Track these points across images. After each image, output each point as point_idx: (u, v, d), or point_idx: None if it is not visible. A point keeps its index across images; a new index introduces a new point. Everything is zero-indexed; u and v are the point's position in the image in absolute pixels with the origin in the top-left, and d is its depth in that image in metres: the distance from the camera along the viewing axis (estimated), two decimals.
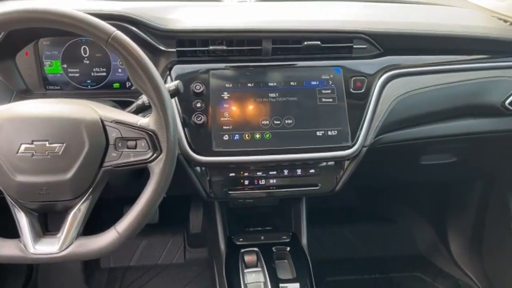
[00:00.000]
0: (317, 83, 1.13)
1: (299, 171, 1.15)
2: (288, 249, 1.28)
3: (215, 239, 1.34)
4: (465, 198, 1.88)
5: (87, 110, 0.86)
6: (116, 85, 1.21)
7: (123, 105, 1.08)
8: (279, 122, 1.10)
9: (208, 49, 1.13)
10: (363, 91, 1.15)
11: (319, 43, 1.15)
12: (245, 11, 1.38)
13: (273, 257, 1.25)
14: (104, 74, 1.20)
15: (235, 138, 1.08)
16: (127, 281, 1.88)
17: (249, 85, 1.12)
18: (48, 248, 0.86)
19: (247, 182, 1.14)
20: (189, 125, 1.08)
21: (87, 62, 1.18)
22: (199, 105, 1.08)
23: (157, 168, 0.85)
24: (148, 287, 1.87)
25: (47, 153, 0.82)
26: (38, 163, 0.82)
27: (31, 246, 0.85)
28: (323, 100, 1.12)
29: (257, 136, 1.09)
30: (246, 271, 1.18)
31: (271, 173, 1.14)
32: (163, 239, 1.97)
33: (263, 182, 1.14)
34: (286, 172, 1.14)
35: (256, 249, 1.25)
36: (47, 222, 0.91)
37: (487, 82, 1.23)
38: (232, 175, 1.13)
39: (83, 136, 0.83)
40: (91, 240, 0.86)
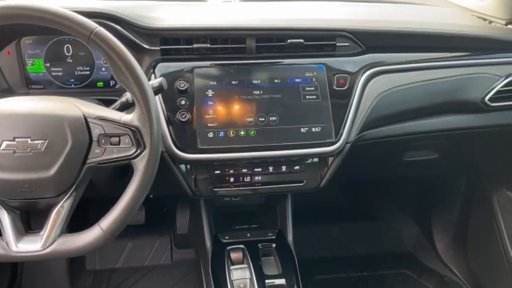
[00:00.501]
0: (300, 80, 1.14)
1: (284, 168, 1.15)
2: (274, 245, 1.29)
3: (201, 237, 1.34)
4: (449, 194, 1.91)
5: (70, 107, 0.86)
6: (100, 84, 1.20)
7: (107, 103, 1.07)
8: (263, 119, 1.10)
9: (192, 47, 1.14)
10: (346, 88, 1.16)
11: (302, 41, 1.16)
12: (229, 10, 1.39)
13: (259, 254, 1.26)
14: (88, 73, 1.19)
15: (220, 135, 1.08)
16: (113, 283, 1.86)
17: (233, 82, 1.12)
18: (31, 246, 0.85)
19: (232, 179, 1.14)
20: (174, 122, 1.08)
21: (70, 61, 1.18)
22: (183, 102, 1.09)
23: (140, 164, 0.85)
24: None
25: (29, 150, 0.81)
26: (20, 160, 0.81)
27: (14, 244, 0.84)
28: (307, 97, 1.13)
29: (242, 133, 1.09)
30: (232, 268, 1.18)
31: (256, 170, 1.14)
32: (149, 241, 1.96)
33: (248, 179, 1.15)
34: (271, 169, 1.15)
35: (242, 246, 1.26)
36: (29, 220, 0.90)
37: (467, 79, 1.26)
38: (217, 172, 1.13)
39: (66, 133, 0.83)
40: (75, 237, 0.86)
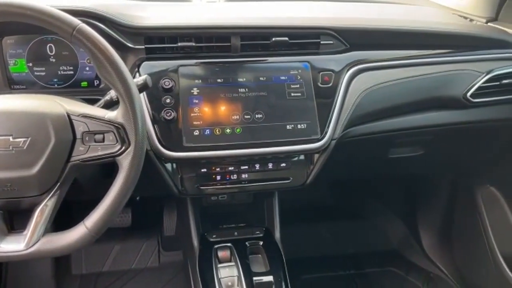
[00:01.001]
0: (285, 78, 1.15)
1: (270, 165, 1.16)
2: (261, 243, 1.29)
3: (188, 237, 1.33)
4: (435, 192, 1.93)
5: (52, 104, 0.85)
6: (84, 83, 1.19)
7: (91, 103, 1.05)
8: (249, 117, 1.11)
9: (177, 46, 1.13)
10: (330, 85, 1.17)
11: (287, 39, 1.17)
12: (214, 9, 1.39)
13: (247, 252, 1.26)
14: (72, 72, 1.18)
15: (205, 133, 1.08)
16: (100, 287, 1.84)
17: (218, 80, 1.12)
18: (14, 246, 0.84)
19: (219, 178, 1.14)
20: (159, 121, 1.07)
21: (54, 60, 1.16)
22: (168, 101, 1.08)
23: (125, 161, 0.84)
24: None
25: (11, 148, 0.80)
26: (2, 158, 0.80)
27: None
28: (292, 94, 1.14)
29: (228, 131, 1.09)
30: (219, 266, 1.18)
31: (242, 167, 1.14)
32: (136, 243, 1.94)
33: (235, 177, 1.15)
34: (257, 166, 1.15)
35: (230, 244, 1.25)
36: (12, 220, 0.89)
37: (449, 75, 1.28)
38: (204, 170, 1.13)
39: (48, 130, 0.82)
40: (59, 236, 0.85)
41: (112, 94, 0.98)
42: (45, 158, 0.82)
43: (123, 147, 0.85)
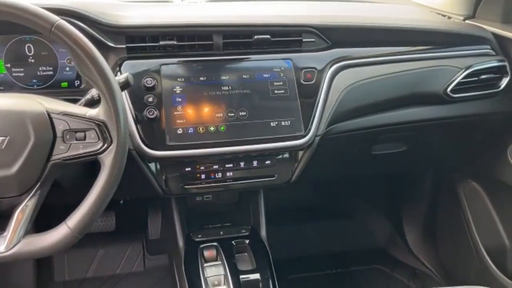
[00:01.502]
0: (268, 75, 1.15)
1: (255, 163, 1.15)
2: (247, 242, 1.28)
3: (173, 238, 1.32)
4: (418, 188, 1.95)
5: (32, 103, 0.84)
6: (64, 84, 1.17)
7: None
8: (233, 115, 1.10)
9: (158, 44, 1.13)
10: (313, 82, 1.18)
11: (269, 37, 1.17)
12: (196, 9, 1.39)
13: (233, 251, 1.25)
14: (51, 73, 1.16)
15: (189, 131, 1.07)
16: None
17: (201, 79, 1.12)
18: None
19: (203, 176, 1.13)
20: (142, 120, 1.06)
21: (32, 61, 1.14)
22: (151, 99, 1.07)
23: (108, 159, 0.83)
24: None
25: None
26: None
27: None
28: (275, 91, 1.14)
29: (212, 128, 1.09)
30: (205, 265, 1.17)
31: (227, 165, 1.14)
32: (121, 248, 1.91)
33: (219, 175, 1.14)
34: (242, 164, 1.14)
35: (216, 244, 1.25)
36: None
37: (430, 71, 1.30)
38: (188, 169, 1.12)
39: (28, 129, 0.80)
40: (40, 237, 0.83)
41: (93, 92, 0.96)
42: (24, 158, 0.80)
43: (105, 145, 0.84)
